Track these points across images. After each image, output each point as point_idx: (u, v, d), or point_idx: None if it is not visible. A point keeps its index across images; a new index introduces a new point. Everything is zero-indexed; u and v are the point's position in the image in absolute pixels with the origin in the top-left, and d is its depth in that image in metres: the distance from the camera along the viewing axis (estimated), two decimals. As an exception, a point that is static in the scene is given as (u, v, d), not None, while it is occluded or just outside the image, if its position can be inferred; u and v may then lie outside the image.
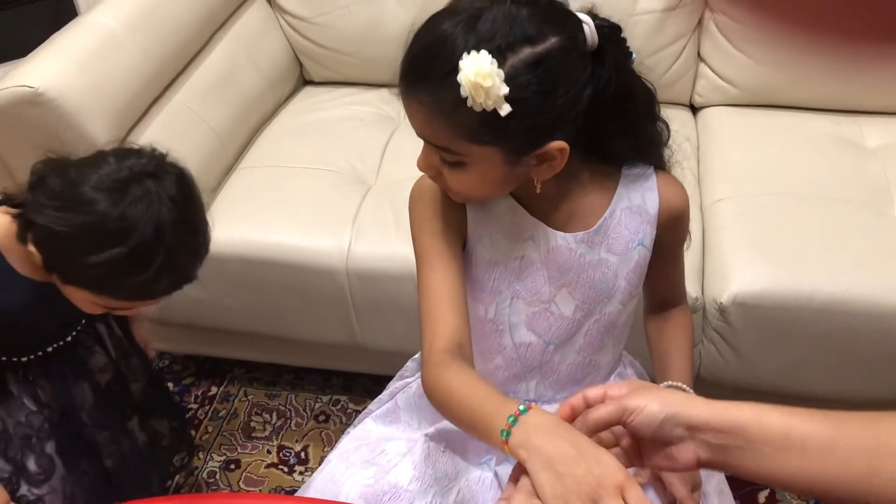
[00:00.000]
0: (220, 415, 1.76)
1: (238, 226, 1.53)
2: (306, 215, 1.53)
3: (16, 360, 1.11)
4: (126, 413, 1.28)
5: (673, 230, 0.94)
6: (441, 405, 0.80)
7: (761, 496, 1.54)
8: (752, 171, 1.57)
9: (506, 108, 0.71)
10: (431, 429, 1.00)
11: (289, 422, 1.74)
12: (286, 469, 1.64)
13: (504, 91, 0.71)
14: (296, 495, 0.99)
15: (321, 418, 1.74)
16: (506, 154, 0.77)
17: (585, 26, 0.76)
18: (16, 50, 1.75)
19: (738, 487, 1.26)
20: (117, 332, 1.24)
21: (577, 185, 0.88)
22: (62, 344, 1.14)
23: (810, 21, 1.65)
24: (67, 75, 1.34)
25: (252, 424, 1.73)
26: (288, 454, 1.67)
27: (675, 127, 0.91)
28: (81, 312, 1.14)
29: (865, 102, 1.73)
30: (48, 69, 1.35)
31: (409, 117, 0.79)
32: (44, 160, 0.98)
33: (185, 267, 0.98)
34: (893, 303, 1.31)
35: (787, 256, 1.38)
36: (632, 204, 0.90)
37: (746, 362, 1.43)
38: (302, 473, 1.63)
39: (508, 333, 0.94)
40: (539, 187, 0.82)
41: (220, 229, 1.53)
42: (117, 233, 0.90)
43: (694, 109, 1.86)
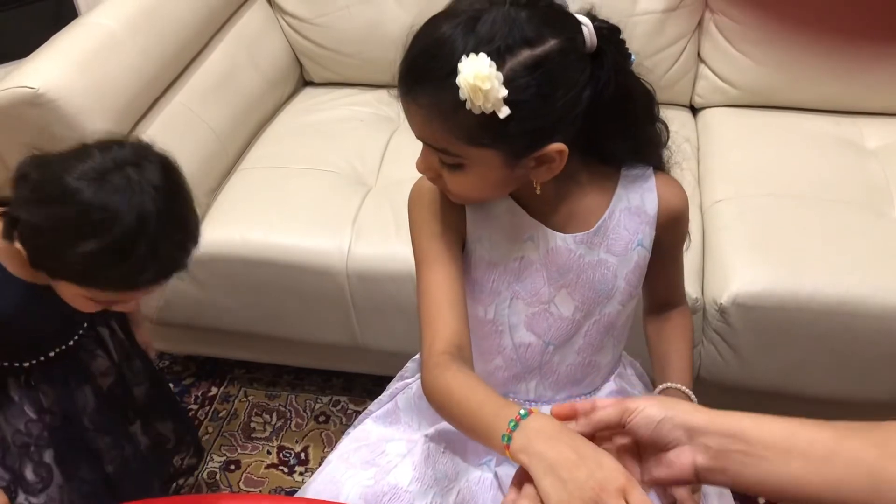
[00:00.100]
0: (220, 415, 1.76)
1: (238, 226, 1.53)
2: (306, 216, 1.53)
3: (17, 365, 1.10)
4: (128, 417, 1.28)
5: (672, 231, 0.94)
6: (441, 407, 0.80)
7: (761, 497, 1.54)
8: (752, 171, 1.57)
9: (505, 111, 0.71)
10: (431, 429, 1.00)
11: (289, 422, 1.74)
12: (286, 470, 1.64)
13: (503, 94, 0.71)
14: (296, 496, 0.99)
15: (321, 419, 1.74)
16: (505, 156, 0.77)
17: (584, 28, 0.76)
18: (16, 50, 1.75)
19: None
20: (119, 335, 1.23)
21: (577, 186, 0.88)
22: (64, 348, 1.14)
23: (810, 22, 1.65)
24: (68, 76, 1.34)
25: (252, 425, 1.73)
26: (288, 455, 1.67)
27: (674, 128, 0.91)
28: (81, 315, 1.14)
29: (865, 103, 1.73)
30: (49, 70, 1.35)
31: (408, 119, 0.79)
32: (28, 157, 0.96)
33: (172, 255, 0.95)
34: (893, 303, 1.31)
35: (787, 257, 1.38)
36: (631, 205, 0.90)
37: (746, 363, 1.43)
38: (302, 474, 1.63)
39: (508, 334, 0.94)
40: (538, 189, 0.82)
41: (221, 230, 1.54)
42: (98, 223, 0.89)
43: (694, 110, 1.86)
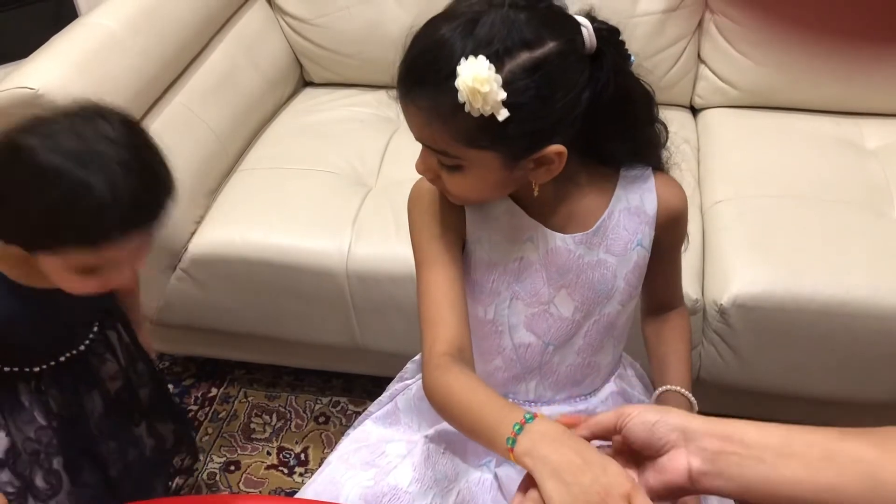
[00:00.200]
0: (219, 416, 1.76)
1: (238, 227, 1.53)
2: (306, 217, 1.53)
3: (27, 370, 1.10)
4: (134, 419, 1.27)
5: (671, 231, 0.94)
6: (442, 409, 0.80)
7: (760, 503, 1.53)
8: (753, 172, 1.57)
9: (504, 113, 0.71)
10: (431, 430, 1.00)
11: (289, 423, 1.74)
12: (286, 470, 1.64)
13: (502, 96, 0.71)
14: (296, 497, 0.99)
15: (321, 420, 1.74)
16: (504, 158, 0.77)
17: (584, 29, 0.76)
18: (16, 51, 1.75)
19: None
20: (125, 339, 1.23)
21: (576, 187, 0.88)
22: (75, 353, 1.13)
23: (810, 22, 1.65)
24: (68, 76, 1.34)
25: (252, 426, 1.73)
26: (288, 456, 1.67)
27: (674, 128, 0.91)
28: (89, 318, 1.14)
29: (865, 104, 1.73)
30: (49, 70, 1.35)
31: (407, 121, 0.79)
32: None
33: (137, 201, 0.91)
34: (893, 304, 1.31)
35: (788, 258, 1.38)
36: (630, 205, 0.90)
37: (746, 364, 1.43)
38: (302, 475, 1.63)
39: (508, 334, 0.94)
40: (537, 190, 0.82)
41: (221, 230, 1.54)
42: (50, 172, 0.87)
43: (694, 111, 1.86)
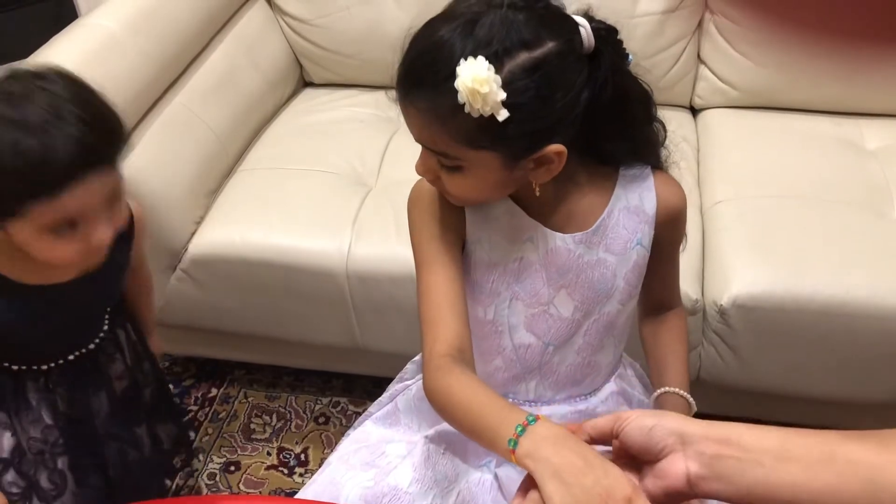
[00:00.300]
0: (219, 417, 1.76)
1: (238, 227, 1.53)
2: (306, 217, 1.53)
3: (36, 368, 1.10)
4: (137, 419, 1.27)
5: (671, 229, 0.94)
6: (443, 410, 0.80)
7: None
8: (753, 172, 1.57)
9: (503, 114, 0.71)
10: (431, 431, 1.00)
11: (289, 424, 1.74)
12: (286, 471, 1.64)
13: (501, 96, 0.71)
14: (296, 497, 0.99)
15: (321, 420, 1.74)
16: (504, 158, 0.77)
17: (582, 29, 0.76)
18: (16, 51, 1.74)
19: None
20: (133, 337, 1.22)
21: (575, 186, 0.88)
22: (84, 352, 1.13)
23: (810, 23, 1.65)
24: (68, 77, 1.34)
25: (252, 426, 1.73)
26: (288, 456, 1.67)
27: (672, 127, 0.91)
28: (97, 315, 1.13)
29: (866, 104, 1.73)
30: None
31: (407, 122, 0.79)
32: None
33: (78, 139, 0.89)
34: (893, 304, 1.31)
35: (788, 258, 1.38)
36: (629, 204, 0.90)
37: (746, 364, 1.43)
38: (302, 475, 1.63)
39: (508, 335, 0.94)
40: (537, 190, 0.82)
41: (221, 231, 1.54)
42: None
43: (694, 111, 1.86)
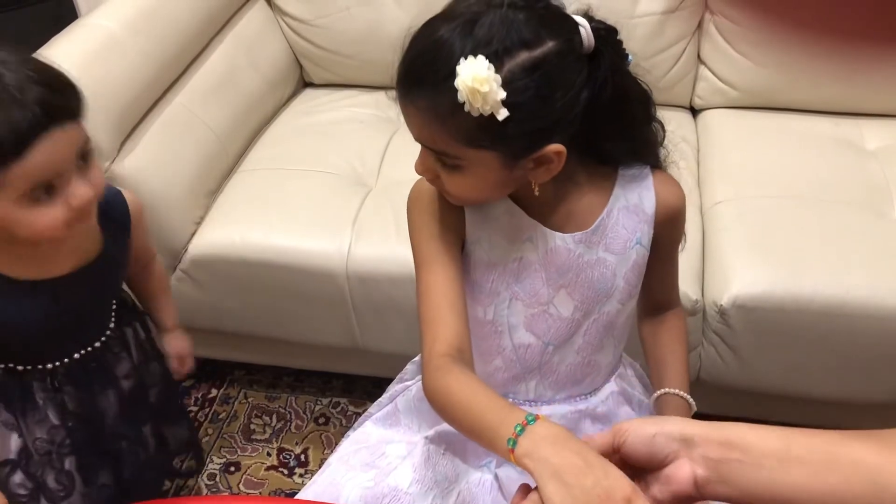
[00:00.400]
0: (219, 417, 1.76)
1: (238, 228, 1.53)
2: (306, 217, 1.53)
3: (41, 367, 1.09)
4: (143, 419, 1.27)
5: (670, 229, 0.94)
6: (443, 410, 0.80)
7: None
8: (752, 173, 1.57)
9: (503, 113, 0.71)
10: (431, 431, 1.00)
11: (289, 424, 1.74)
12: (286, 472, 1.64)
13: (501, 96, 0.71)
14: (296, 498, 0.99)
15: (321, 421, 1.74)
16: (503, 158, 0.77)
17: (582, 29, 0.76)
18: (16, 52, 1.75)
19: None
20: (142, 336, 1.22)
21: (575, 186, 0.88)
22: (90, 350, 1.12)
23: (810, 23, 1.65)
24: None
25: (252, 427, 1.73)
26: (288, 457, 1.67)
27: (672, 128, 0.91)
28: (102, 312, 1.13)
29: (865, 104, 1.73)
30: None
31: (407, 121, 0.79)
32: None
33: (34, 94, 0.89)
34: (893, 304, 1.31)
35: (787, 258, 1.38)
36: (629, 203, 0.90)
37: (746, 364, 1.43)
38: (302, 476, 1.63)
39: (507, 335, 0.94)
40: (537, 190, 0.82)
41: (220, 231, 1.54)
42: None
43: (694, 112, 1.86)
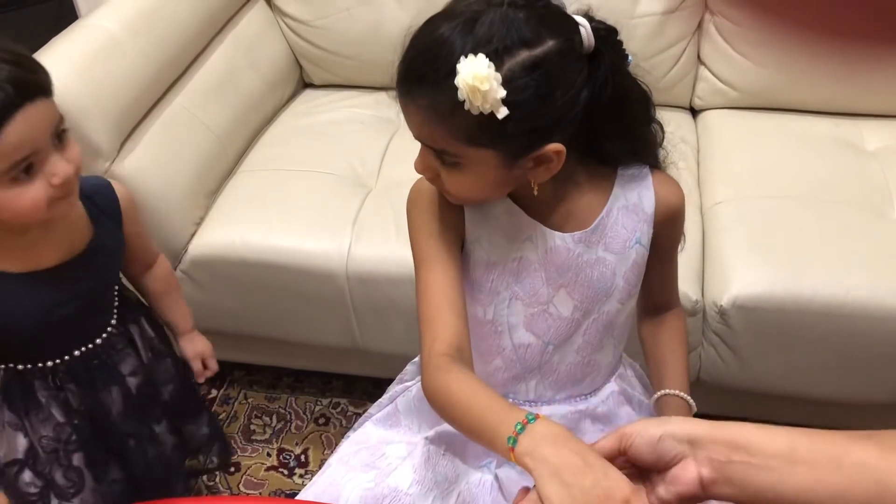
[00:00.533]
0: (220, 417, 1.75)
1: (238, 228, 1.53)
2: (306, 218, 1.53)
3: (41, 365, 1.09)
4: (155, 416, 1.26)
5: (669, 228, 0.94)
6: (442, 409, 0.80)
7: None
8: (752, 173, 1.57)
9: (503, 112, 0.72)
10: (431, 432, 1.00)
11: (289, 425, 1.74)
12: (286, 472, 1.64)
13: (501, 94, 0.71)
14: (296, 499, 0.99)
15: (321, 421, 1.74)
16: (503, 157, 0.77)
17: (582, 29, 0.76)
18: (16, 53, 1.75)
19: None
20: (149, 333, 1.22)
21: (574, 186, 0.88)
22: (91, 347, 1.12)
23: (810, 23, 1.65)
24: (68, 78, 1.34)
25: (252, 427, 1.73)
26: (288, 457, 1.67)
27: (671, 128, 0.91)
28: (99, 308, 1.13)
29: (865, 105, 1.73)
30: (48, 72, 1.35)
31: (407, 120, 0.79)
32: None
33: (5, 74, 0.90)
34: (893, 304, 1.31)
35: (787, 259, 1.38)
36: (628, 203, 0.90)
37: (747, 365, 1.43)
38: (302, 476, 1.63)
39: (507, 334, 0.94)
40: (536, 189, 0.82)
41: (220, 232, 1.54)
42: None
43: (694, 112, 1.86)
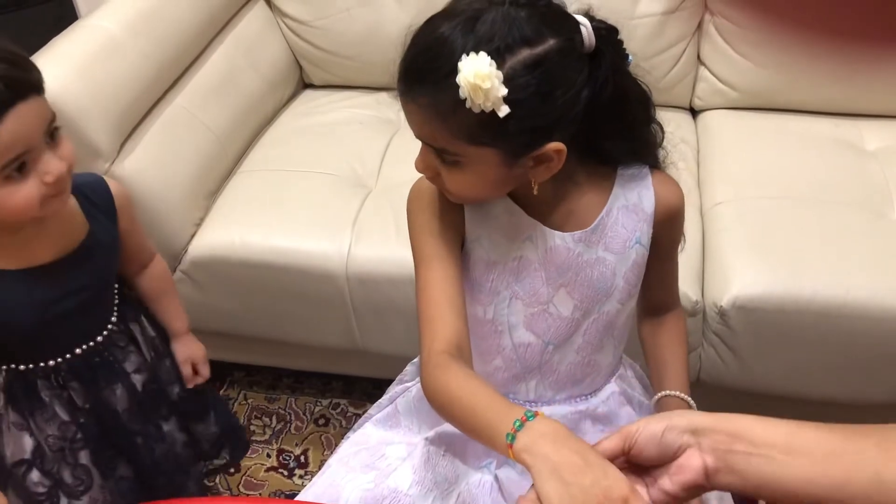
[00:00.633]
0: (219, 418, 1.75)
1: (238, 229, 1.53)
2: (306, 218, 1.53)
3: (43, 365, 1.09)
4: (162, 414, 1.25)
5: (669, 228, 0.94)
6: (441, 408, 0.80)
7: (767, 500, 1.53)
8: (752, 174, 1.57)
9: (504, 110, 0.72)
10: (431, 433, 1.00)
11: (289, 425, 1.74)
12: (286, 473, 1.64)
13: (503, 92, 0.71)
14: (296, 499, 0.98)
15: (321, 422, 1.74)
16: (503, 155, 0.77)
17: (583, 28, 0.76)
18: (16, 54, 1.75)
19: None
20: (149, 332, 1.22)
21: (574, 185, 0.88)
22: (92, 345, 1.12)
23: (810, 24, 1.65)
24: (68, 79, 1.34)
25: (252, 428, 1.73)
26: (288, 458, 1.67)
27: (671, 129, 0.91)
28: (102, 304, 1.12)
29: (865, 105, 1.73)
30: (48, 73, 1.31)
31: (408, 119, 0.79)
32: None
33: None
34: (893, 305, 1.31)
35: (787, 259, 1.38)
36: (628, 203, 0.90)
37: (746, 365, 1.43)
38: (302, 477, 1.62)
39: (507, 334, 0.94)
40: (536, 189, 0.82)
41: (220, 232, 1.54)
42: None
43: (694, 113, 1.86)
